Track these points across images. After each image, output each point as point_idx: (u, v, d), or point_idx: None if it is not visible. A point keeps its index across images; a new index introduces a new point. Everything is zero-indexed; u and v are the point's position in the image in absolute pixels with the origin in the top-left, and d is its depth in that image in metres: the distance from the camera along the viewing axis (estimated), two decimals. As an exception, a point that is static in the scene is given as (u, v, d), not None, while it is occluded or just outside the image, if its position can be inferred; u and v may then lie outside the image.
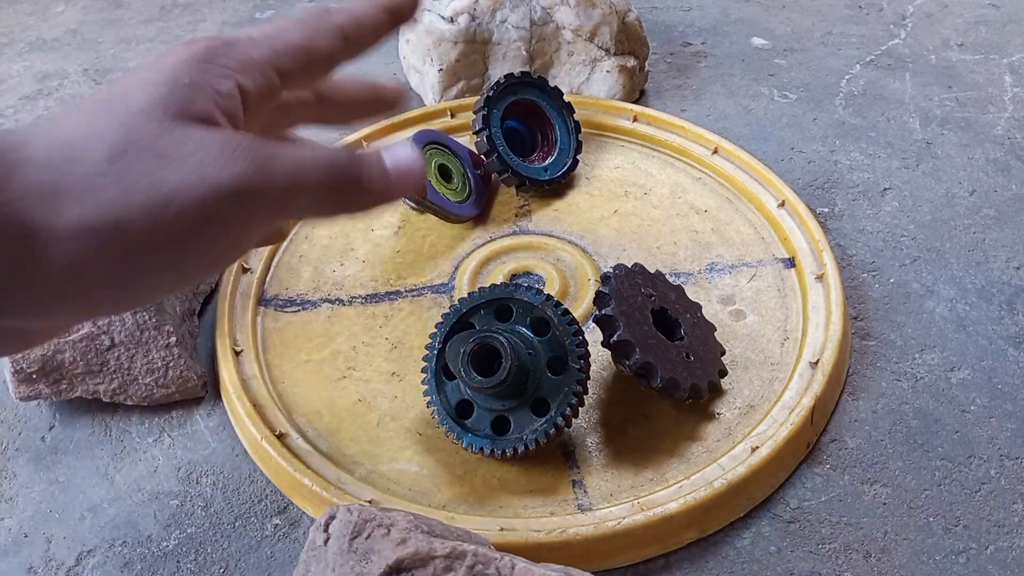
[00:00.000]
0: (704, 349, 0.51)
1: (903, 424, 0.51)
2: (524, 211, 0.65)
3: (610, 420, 0.51)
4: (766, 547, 0.46)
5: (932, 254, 0.63)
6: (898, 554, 0.45)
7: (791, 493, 0.48)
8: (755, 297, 0.58)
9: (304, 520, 0.47)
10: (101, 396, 0.52)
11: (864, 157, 0.72)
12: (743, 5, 0.96)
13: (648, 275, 0.52)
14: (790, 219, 0.62)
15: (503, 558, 0.34)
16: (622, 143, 0.71)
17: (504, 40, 0.74)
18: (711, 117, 0.77)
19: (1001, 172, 0.70)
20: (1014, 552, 0.45)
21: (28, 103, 0.82)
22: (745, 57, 0.86)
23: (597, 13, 0.75)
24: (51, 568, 0.46)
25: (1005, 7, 0.94)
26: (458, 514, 0.45)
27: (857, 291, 0.60)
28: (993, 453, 0.50)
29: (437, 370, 0.48)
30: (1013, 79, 0.82)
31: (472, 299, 0.49)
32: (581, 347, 0.47)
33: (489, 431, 0.47)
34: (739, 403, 0.51)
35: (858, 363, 0.55)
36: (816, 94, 0.80)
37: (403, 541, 0.33)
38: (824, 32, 0.90)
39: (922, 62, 0.85)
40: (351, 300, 0.59)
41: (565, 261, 0.61)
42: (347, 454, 0.49)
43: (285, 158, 0.24)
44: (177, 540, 0.47)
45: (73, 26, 0.96)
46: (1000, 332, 0.57)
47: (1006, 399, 0.53)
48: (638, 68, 0.78)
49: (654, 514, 0.44)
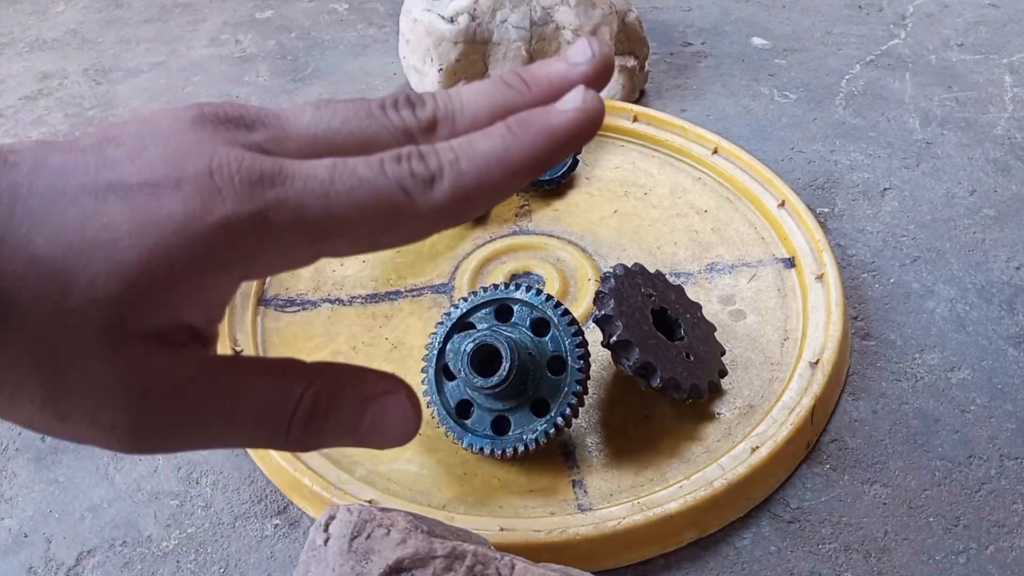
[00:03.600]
0: (704, 349, 0.51)
1: (903, 424, 0.51)
2: (524, 211, 0.65)
3: (610, 420, 0.51)
4: (766, 547, 0.46)
5: (932, 254, 0.63)
6: (898, 554, 0.45)
7: (791, 493, 0.48)
8: (755, 297, 0.58)
9: (304, 520, 0.47)
10: (101, 396, 0.52)
11: (864, 157, 0.72)
12: (743, 5, 0.96)
13: (648, 275, 0.52)
14: (790, 219, 0.62)
15: (503, 558, 0.34)
16: (622, 143, 0.71)
17: (504, 40, 0.74)
18: (711, 117, 0.77)
19: (1001, 172, 0.70)
20: (1014, 552, 0.45)
21: (28, 103, 0.82)
22: (745, 57, 0.86)
23: (597, 13, 0.75)
24: (51, 568, 0.46)
25: (1005, 7, 0.94)
26: (458, 514, 0.45)
27: (857, 291, 0.60)
28: (993, 453, 0.50)
29: (437, 370, 0.48)
30: (1013, 79, 0.82)
31: (472, 299, 0.49)
32: (581, 347, 0.47)
33: (489, 431, 0.47)
34: (739, 403, 0.51)
35: (858, 363, 0.55)
36: (816, 94, 0.80)
37: (403, 541, 0.33)
38: (824, 32, 0.90)
39: (922, 62, 0.85)
40: (351, 300, 0.59)
41: (565, 261, 0.61)
42: (347, 454, 0.49)
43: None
44: (177, 540, 0.47)
45: (73, 26, 0.96)
46: (1000, 332, 0.57)
47: (1006, 399, 0.53)
48: (638, 68, 0.78)
49: (654, 514, 0.44)
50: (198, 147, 0.20)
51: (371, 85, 0.83)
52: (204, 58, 0.89)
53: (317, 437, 0.22)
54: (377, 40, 0.91)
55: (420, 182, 0.20)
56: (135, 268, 0.19)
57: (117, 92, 0.84)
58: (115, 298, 0.19)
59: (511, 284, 0.49)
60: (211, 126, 0.21)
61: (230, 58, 0.89)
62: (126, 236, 0.19)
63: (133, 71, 0.87)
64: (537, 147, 0.21)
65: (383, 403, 0.23)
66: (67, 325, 0.19)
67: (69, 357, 0.19)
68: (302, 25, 0.95)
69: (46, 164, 0.20)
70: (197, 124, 0.21)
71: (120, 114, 0.81)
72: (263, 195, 0.19)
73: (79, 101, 0.83)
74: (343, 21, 0.95)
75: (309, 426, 0.22)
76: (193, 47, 0.91)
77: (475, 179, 0.20)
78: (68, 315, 0.19)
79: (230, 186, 0.19)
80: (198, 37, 0.93)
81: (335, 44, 0.91)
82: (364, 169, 0.20)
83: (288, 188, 0.20)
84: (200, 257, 0.19)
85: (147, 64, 0.88)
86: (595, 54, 0.22)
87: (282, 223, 0.20)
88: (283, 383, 0.21)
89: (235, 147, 0.20)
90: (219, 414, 0.21)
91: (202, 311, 0.21)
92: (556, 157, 0.21)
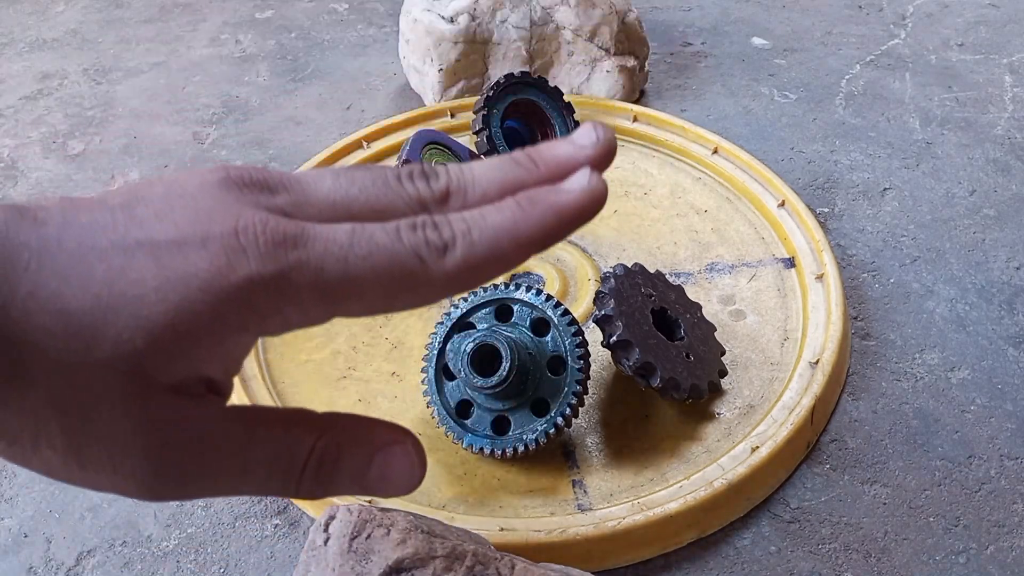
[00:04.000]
0: (704, 349, 0.51)
1: (903, 424, 0.51)
2: (524, 211, 0.65)
3: (610, 420, 0.51)
4: (766, 547, 0.46)
5: (932, 254, 0.63)
6: (898, 554, 0.45)
7: (791, 493, 0.48)
8: (755, 297, 0.58)
9: (304, 520, 0.47)
10: (101, 396, 0.52)
11: (864, 157, 0.72)
12: (743, 5, 0.96)
13: (648, 275, 0.52)
14: (790, 219, 0.62)
15: (503, 558, 0.34)
16: (622, 143, 0.71)
17: (504, 40, 0.74)
18: (711, 117, 0.77)
19: (1001, 172, 0.70)
20: (1014, 552, 0.45)
21: (28, 103, 0.82)
22: (745, 57, 0.86)
23: (597, 13, 0.75)
24: (51, 568, 0.46)
25: (1005, 7, 0.94)
26: (458, 514, 0.45)
27: (857, 291, 0.60)
28: (993, 453, 0.50)
29: (437, 370, 0.48)
30: (1013, 79, 0.82)
31: (472, 299, 0.49)
32: (581, 347, 0.47)
33: (489, 431, 0.47)
34: (739, 403, 0.51)
35: (858, 363, 0.55)
36: (816, 94, 0.80)
37: (403, 541, 0.33)
38: (824, 32, 0.90)
39: (922, 62, 0.85)
40: (351, 300, 0.59)
41: (565, 261, 0.61)
42: (347, 454, 0.49)
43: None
44: (177, 540, 0.47)
45: (73, 26, 0.96)
46: (1000, 332, 0.57)
47: (1006, 399, 0.53)
48: (638, 68, 0.78)
49: (654, 514, 0.44)
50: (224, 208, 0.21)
51: (371, 85, 0.83)
52: (204, 58, 0.89)
53: (326, 487, 0.23)
54: (377, 40, 0.91)
55: (434, 250, 0.21)
56: (161, 324, 0.20)
57: (117, 92, 0.84)
58: (140, 352, 0.19)
59: (511, 284, 0.49)
60: (236, 189, 0.22)
61: (230, 58, 0.89)
62: (153, 292, 0.20)
63: (133, 71, 0.87)
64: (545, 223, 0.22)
65: (389, 454, 0.23)
66: (93, 377, 0.19)
67: (93, 407, 0.20)
68: (302, 25, 0.95)
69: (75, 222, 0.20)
70: (223, 186, 0.21)
71: (120, 114, 0.81)
72: (285, 256, 0.20)
73: (79, 101, 0.83)
74: (343, 21, 0.95)
75: (319, 477, 0.22)
76: (193, 47, 0.91)
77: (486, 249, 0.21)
78: (94, 367, 0.19)
79: (254, 246, 0.20)
80: (198, 37, 0.93)
81: (335, 44, 0.91)
82: (381, 235, 0.21)
83: (309, 250, 0.20)
84: (223, 313, 0.20)
85: (147, 64, 0.88)
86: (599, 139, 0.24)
87: (302, 283, 0.20)
88: (294, 435, 0.22)
89: (259, 210, 0.21)
90: (233, 464, 0.22)
91: (221, 365, 0.22)
92: (562, 233, 0.22)
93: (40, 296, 0.19)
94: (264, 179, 0.22)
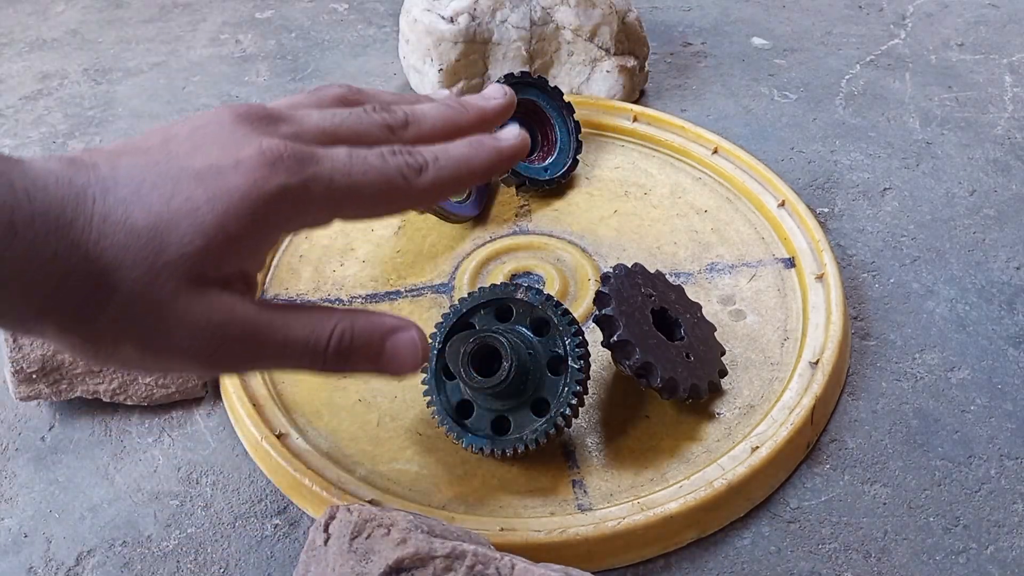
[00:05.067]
0: (704, 349, 0.51)
1: (903, 424, 0.51)
2: (524, 211, 0.65)
3: (610, 420, 0.51)
4: (766, 547, 0.46)
5: (932, 254, 0.63)
6: (898, 554, 0.45)
7: (791, 493, 0.48)
8: (755, 297, 0.58)
9: (304, 520, 0.47)
10: (101, 396, 0.52)
11: (864, 157, 0.72)
12: (743, 5, 0.96)
13: (648, 275, 0.52)
14: (790, 219, 0.62)
15: (503, 558, 0.34)
16: (622, 143, 0.71)
17: (504, 40, 0.74)
18: (711, 117, 0.77)
19: (1001, 172, 0.70)
20: (1014, 552, 0.45)
21: (28, 103, 0.82)
22: (745, 57, 0.86)
23: (597, 13, 0.75)
24: (51, 568, 0.46)
25: (1005, 7, 0.94)
26: (458, 514, 0.45)
27: (857, 291, 0.60)
28: (993, 453, 0.50)
29: (437, 370, 0.48)
30: (1013, 79, 0.82)
31: (472, 299, 0.49)
32: (581, 347, 0.47)
33: (489, 431, 0.47)
34: (739, 403, 0.51)
35: (858, 363, 0.55)
36: (816, 94, 0.80)
37: (403, 541, 0.33)
38: (824, 32, 0.90)
39: (922, 62, 0.85)
40: (351, 300, 0.59)
41: (565, 261, 0.61)
42: (347, 454, 0.49)
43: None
44: (177, 540, 0.47)
45: (73, 26, 0.96)
46: (1000, 332, 0.57)
47: (1006, 399, 0.53)
48: (638, 68, 0.78)
49: (654, 514, 0.44)
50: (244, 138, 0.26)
51: (371, 85, 0.83)
52: (204, 58, 0.89)
53: (347, 362, 0.28)
54: (377, 40, 0.91)
55: (413, 171, 0.28)
56: (214, 226, 0.25)
57: (117, 92, 0.84)
58: (200, 251, 0.25)
59: (511, 284, 0.49)
60: (248, 123, 0.27)
61: (230, 58, 0.89)
62: (204, 204, 0.25)
63: (133, 71, 0.87)
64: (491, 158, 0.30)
65: (399, 337, 0.29)
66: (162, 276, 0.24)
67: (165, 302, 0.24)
68: (302, 25, 0.95)
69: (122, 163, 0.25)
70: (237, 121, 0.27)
71: (120, 114, 0.81)
72: (304, 171, 0.26)
73: (79, 101, 0.83)
74: (343, 21, 0.95)
75: (340, 352, 0.28)
76: (193, 47, 0.91)
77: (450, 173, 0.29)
78: (163, 269, 0.24)
79: (281, 163, 0.26)
80: (198, 37, 0.93)
81: (335, 44, 0.91)
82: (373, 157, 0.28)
83: (321, 167, 0.27)
84: (261, 216, 0.25)
85: (147, 64, 0.88)
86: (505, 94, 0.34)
87: (317, 192, 0.26)
88: (318, 318, 0.28)
89: (274, 137, 0.27)
90: (275, 342, 0.27)
91: (255, 261, 0.27)
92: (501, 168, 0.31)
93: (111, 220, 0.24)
94: (268, 113, 0.28)
